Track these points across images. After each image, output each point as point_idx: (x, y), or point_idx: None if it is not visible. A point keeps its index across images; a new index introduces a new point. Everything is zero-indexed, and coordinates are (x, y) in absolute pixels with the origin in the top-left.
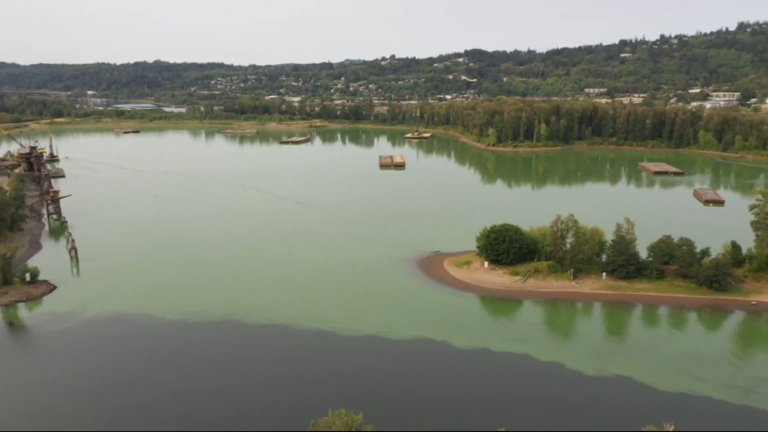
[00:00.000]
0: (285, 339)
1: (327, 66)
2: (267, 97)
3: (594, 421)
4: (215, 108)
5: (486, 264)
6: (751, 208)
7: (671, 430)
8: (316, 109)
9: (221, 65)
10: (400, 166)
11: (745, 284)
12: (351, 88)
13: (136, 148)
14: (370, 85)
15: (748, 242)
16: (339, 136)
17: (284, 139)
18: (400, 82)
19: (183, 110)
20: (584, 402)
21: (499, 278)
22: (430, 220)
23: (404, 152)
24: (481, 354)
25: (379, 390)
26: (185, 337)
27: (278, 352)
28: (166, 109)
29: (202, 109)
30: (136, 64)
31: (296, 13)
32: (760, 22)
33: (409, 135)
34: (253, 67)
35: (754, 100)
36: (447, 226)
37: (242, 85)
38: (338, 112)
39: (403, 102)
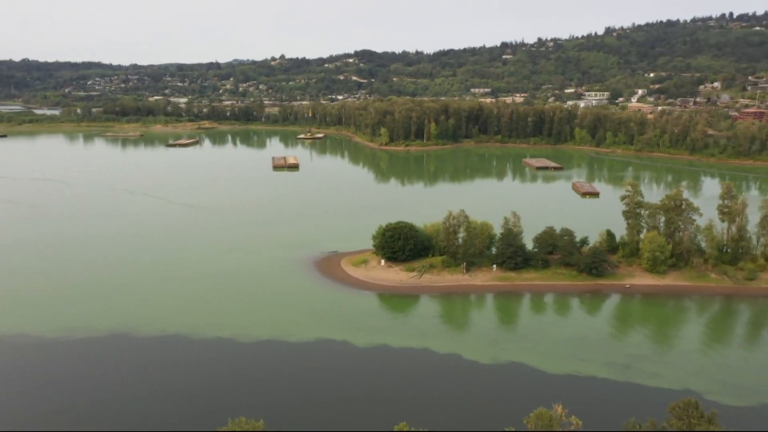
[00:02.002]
0: (179, 349)
1: (215, 66)
2: (151, 99)
3: (491, 407)
4: (93, 110)
5: (383, 262)
6: (622, 198)
7: (560, 410)
8: (205, 110)
9: (99, 64)
10: (294, 167)
11: (620, 269)
12: (240, 89)
13: (4, 153)
14: (261, 86)
15: (621, 230)
16: (229, 137)
17: (171, 141)
18: (291, 83)
19: (57, 112)
20: (482, 390)
21: (396, 275)
22: (326, 221)
23: (297, 153)
24: (382, 351)
25: (279, 394)
26: (65, 353)
27: (171, 361)
28: (38, 112)
29: (78, 111)
30: (1, 62)
31: (180, 11)
32: (624, 27)
33: (302, 136)
34: (135, 66)
35: (621, 99)
36: (343, 225)
37: (123, 85)
38: (228, 114)
39: (294, 103)
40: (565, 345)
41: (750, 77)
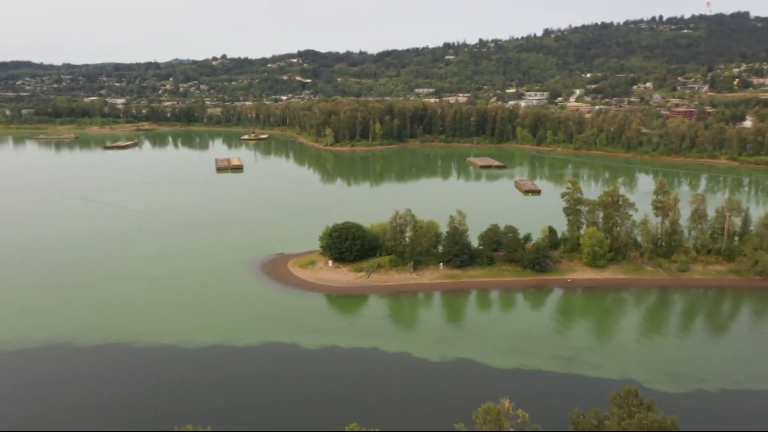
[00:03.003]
0: (122, 357)
1: (153, 66)
2: (86, 99)
3: (440, 404)
4: (24, 111)
5: (330, 262)
6: (563, 195)
7: (507, 404)
8: (144, 111)
9: (29, 64)
10: (238, 168)
11: (562, 264)
12: (181, 89)
13: None
14: (202, 86)
15: (562, 226)
16: (170, 139)
17: (109, 143)
18: (233, 83)
19: None
20: (431, 387)
21: (344, 275)
22: (272, 222)
23: (241, 154)
24: (331, 352)
25: (227, 400)
26: None
27: (115, 371)
28: None
29: (7, 112)
30: None
31: (115, 8)
32: (562, 28)
33: (246, 136)
34: (68, 66)
35: (560, 98)
36: (289, 227)
37: (56, 86)
38: (168, 115)
39: (237, 103)
40: (511, 340)
41: (679, 78)
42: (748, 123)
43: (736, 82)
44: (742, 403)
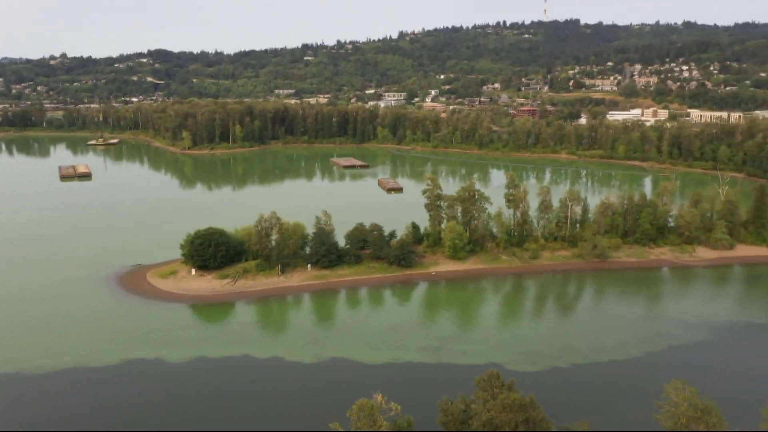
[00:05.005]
0: None
1: None
2: None
3: (315, 405)
4: None
5: (193, 271)
6: (424, 192)
7: (380, 398)
8: None
9: None
10: (86, 176)
11: (426, 258)
12: (14, 91)
13: None
14: (39, 87)
15: (424, 222)
16: (3, 146)
17: None
18: (75, 84)
19: None
20: (305, 389)
21: (209, 283)
22: (127, 232)
23: (89, 161)
24: (199, 364)
25: (84, 424)
26: None
27: None
28: None
29: None
30: None
31: None
32: (416, 31)
33: (94, 141)
34: None
35: (417, 99)
36: (147, 236)
37: None
38: (0, 119)
39: (82, 106)
40: (382, 335)
41: (523, 79)
42: (583, 120)
43: (571, 83)
44: (590, 376)
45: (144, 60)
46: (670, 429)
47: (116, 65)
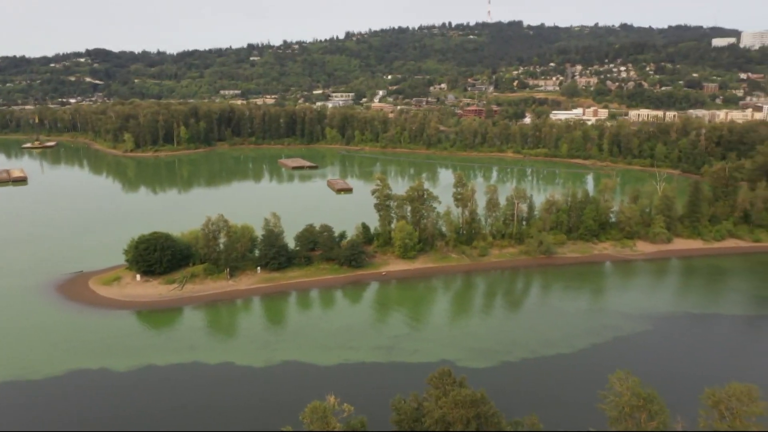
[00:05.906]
0: None
1: None
2: None
3: (268, 409)
4: None
5: (138, 277)
6: (373, 192)
7: (333, 400)
8: None
9: None
10: (21, 180)
11: (376, 258)
12: None
13: None
14: None
15: (374, 222)
16: None
17: None
18: (8, 84)
19: None
20: (257, 393)
21: (155, 289)
22: (67, 239)
23: (24, 165)
24: (147, 372)
25: None
26: None
27: None
28: None
29: None
30: None
31: None
32: (363, 32)
33: (29, 144)
34: None
35: (365, 99)
36: (88, 242)
37: None
38: None
39: (15, 107)
40: (334, 336)
41: (469, 79)
42: (527, 120)
43: (515, 83)
44: (539, 370)
45: (82, 60)
46: (615, 418)
47: (52, 65)
